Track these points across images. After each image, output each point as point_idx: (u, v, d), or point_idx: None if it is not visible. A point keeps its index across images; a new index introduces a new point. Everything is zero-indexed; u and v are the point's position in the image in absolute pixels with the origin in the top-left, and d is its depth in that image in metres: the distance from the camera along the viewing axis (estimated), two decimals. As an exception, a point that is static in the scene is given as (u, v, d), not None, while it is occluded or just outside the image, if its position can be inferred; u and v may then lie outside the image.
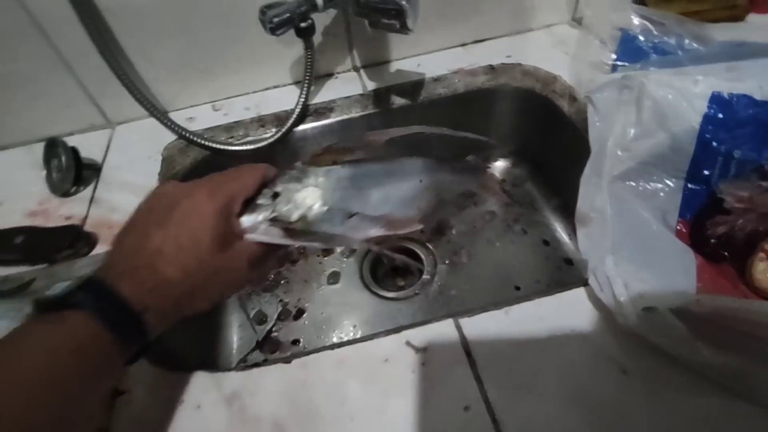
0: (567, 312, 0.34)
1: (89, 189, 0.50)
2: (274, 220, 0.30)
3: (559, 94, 0.54)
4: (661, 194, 0.38)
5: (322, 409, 0.31)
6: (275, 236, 0.31)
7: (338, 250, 0.61)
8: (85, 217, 0.47)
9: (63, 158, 0.47)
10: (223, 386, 0.33)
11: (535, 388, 0.30)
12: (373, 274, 0.58)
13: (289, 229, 0.31)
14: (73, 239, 0.42)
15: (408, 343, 0.33)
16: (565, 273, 0.55)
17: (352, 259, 0.59)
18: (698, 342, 0.28)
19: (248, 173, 0.31)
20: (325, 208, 0.32)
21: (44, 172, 0.51)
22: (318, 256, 0.60)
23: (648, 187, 0.39)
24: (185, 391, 0.33)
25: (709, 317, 0.27)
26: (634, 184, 0.39)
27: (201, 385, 0.33)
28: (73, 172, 0.48)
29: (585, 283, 0.35)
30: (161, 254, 0.27)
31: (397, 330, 0.34)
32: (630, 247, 0.34)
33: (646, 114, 0.38)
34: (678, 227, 0.37)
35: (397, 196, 0.35)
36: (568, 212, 0.58)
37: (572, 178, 0.55)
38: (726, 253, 0.34)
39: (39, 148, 0.54)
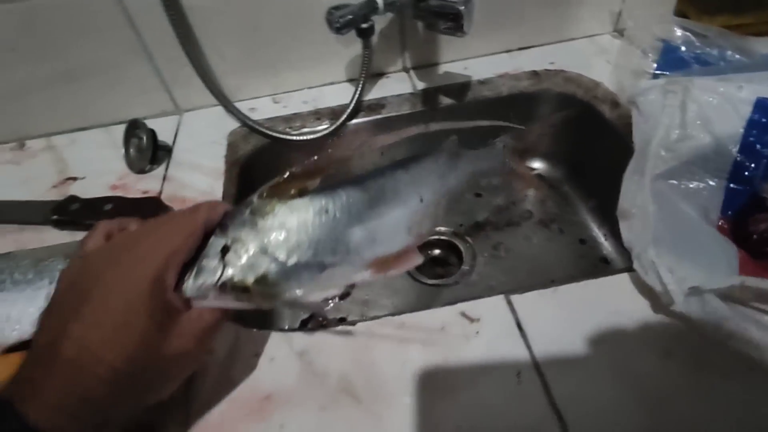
0: (612, 294, 0.36)
1: (162, 168, 0.55)
2: (224, 286, 0.25)
3: (600, 99, 0.57)
4: (703, 193, 0.40)
5: (384, 367, 0.34)
6: (228, 302, 0.26)
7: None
8: (160, 192, 0.51)
9: (144, 138, 0.52)
10: (293, 344, 0.36)
11: (583, 362, 0.33)
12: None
13: (245, 291, 0.25)
14: (156, 208, 0.46)
15: (463, 314, 0.36)
16: (601, 271, 0.57)
17: (394, 248, 0.63)
18: (743, 324, 0.30)
19: (185, 224, 0.26)
20: (290, 262, 0.26)
21: (123, 151, 0.55)
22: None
23: (690, 186, 0.41)
24: (260, 346, 0.36)
25: (754, 299, 0.30)
26: (676, 182, 0.42)
27: (274, 342, 0.36)
28: (151, 151, 0.53)
29: (630, 269, 0.37)
30: (81, 352, 0.22)
31: (452, 302, 0.37)
32: (672, 240, 0.37)
33: (689, 117, 0.41)
34: (720, 223, 0.40)
35: (386, 230, 0.29)
36: (604, 213, 0.61)
37: (609, 180, 0.58)
38: (765, 249, 0.36)
39: (116, 130, 0.60)
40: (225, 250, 0.26)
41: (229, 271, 0.25)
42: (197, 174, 0.53)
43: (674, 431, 0.29)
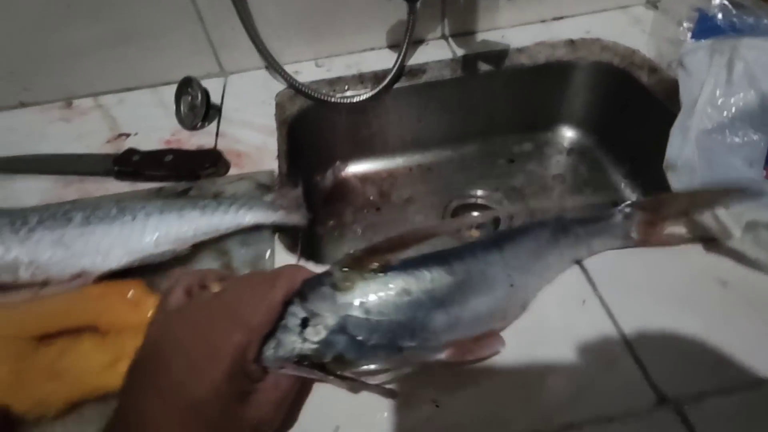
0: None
1: (213, 125, 0.56)
2: (301, 358, 0.25)
3: (638, 66, 0.59)
4: (748, 146, 0.43)
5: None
6: (302, 373, 0.26)
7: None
8: (215, 147, 0.53)
9: (199, 94, 0.54)
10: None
11: (642, 290, 0.35)
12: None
13: (321, 367, 0.26)
14: (215, 160, 0.48)
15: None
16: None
17: (431, 211, 0.65)
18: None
19: (267, 296, 0.26)
20: (369, 343, 0.26)
21: (172, 110, 0.57)
22: (400, 205, 0.66)
23: (735, 140, 0.43)
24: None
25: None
26: (721, 137, 0.44)
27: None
28: (204, 108, 0.54)
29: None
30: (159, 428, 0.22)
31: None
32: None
33: (736, 75, 0.43)
34: (764, 175, 0.42)
35: (470, 316, 0.28)
36: (636, 178, 0.63)
37: (642, 146, 0.60)
38: (809, 195, 0.39)
39: (163, 90, 0.61)
40: (304, 323, 0.26)
41: (307, 346, 0.25)
42: (249, 131, 0.54)
43: (729, 349, 0.31)
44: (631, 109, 0.61)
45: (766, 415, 0.28)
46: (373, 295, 0.27)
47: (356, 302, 0.26)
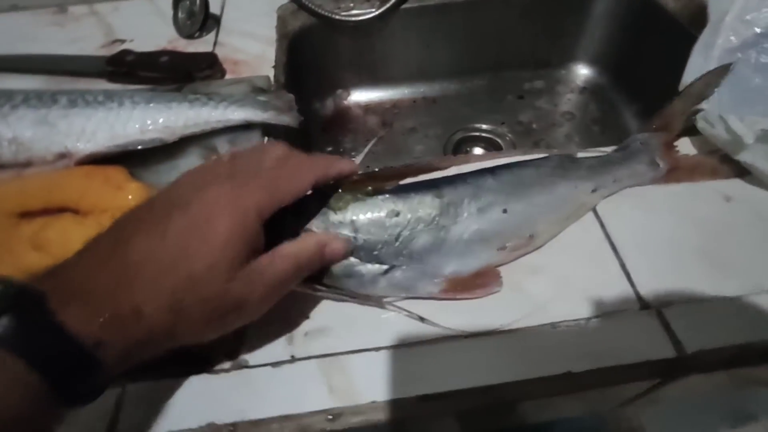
0: (672, 153, 0.36)
1: (211, 35, 0.54)
2: None
3: (664, -9, 0.55)
4: (773, 66, 0.40)
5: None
6: (299, 287, 0.26)
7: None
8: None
9: (197, 1, 0.51)
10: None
11: (645, 205, 0.33)
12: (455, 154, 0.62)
13: (308, 278, 0.26)
14: (212, 62, 0.46)
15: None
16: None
17: (434, 142, 0.63)
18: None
19: (303, 173, 0.25)
20: (353, 259, 0.27)
21: (170, 18, 0.55)
22: (403, 135, 0.64)
23: (762, 59, 0.40)
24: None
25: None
26: (745, 55, 0.41)
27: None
28: (203, 15, 0.52)
29: (690, 134, 0.37)
30: (140, 270, 0.20)
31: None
32: (739, 103, 0.37)
33: (770, -13, 0.39)
34: (786, 96, 0.39)
35: (458, 239, 0.28)
36: (648, 116, 0.59)
37: (657, 82, 0.57)
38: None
39: (159, 1, 0.59)
40: (294, 235, 0.26)
41: None
42: (249, 41, 0.52)
43: (725, 256, 0.30)
44: (652, 39, 0.57)
45: (756, 321, 0.27)
46: (363, 215, 0.27)
47: (347, 221, 0.27)
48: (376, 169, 0.30)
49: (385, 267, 0.27)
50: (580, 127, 0.62)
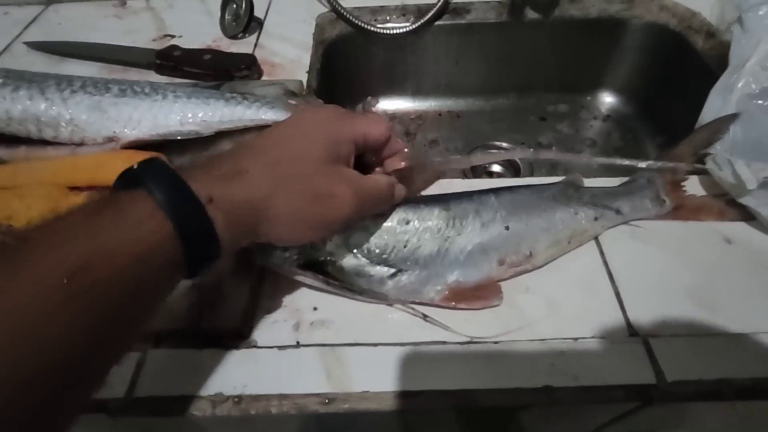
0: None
1: (253, 37, 0.57)
2: (305, 265, 0.29)
3: (695, 30, 0.56)
4: (792, 115, 0.40)
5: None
6: (309, 278, 0.30)
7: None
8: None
9: (243, 4, 0.55)
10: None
11: (646, 239, 0.34)
12: (473, 172, 0.63)
13: (324, 273, 0.29)
14: (250, 63, 0.49)
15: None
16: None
17: (453, 155, 0.65)
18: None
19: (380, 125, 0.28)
20: (364, 260, 0.29)
21: (217, 18, 0.58)
22: (424, 146, 0.66)
23: (779, 107, 0.41)
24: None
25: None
26: (764, 102, 0.41)
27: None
28: (247, 18, 0.55)
29: (698, 173, 0.38)
30: (248, 146, 0.25)
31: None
32: (752, 149, 0.37)
33: (796, 36, 0.40)
34: (801, 144, 0.40)
35: (461, 250, 0.30)
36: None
37: (683, 118, 0.57)
38: None
39: (210, 1, 0.63)
40: None
41: (311, 252, 0.29)
42: (287, 45, 0.55)
43: (715, 297, 0.31)
44: (679, 76, 0.58)
45: (737, 359, 0.28)
46: (377, 221, 0.30)
47: (362, 225, 0.29)
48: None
49: (393, 270, 0.29)
50: (600, 154, 0.63)
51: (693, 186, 0.38)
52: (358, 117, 0.28)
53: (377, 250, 0.30)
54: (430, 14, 0.59)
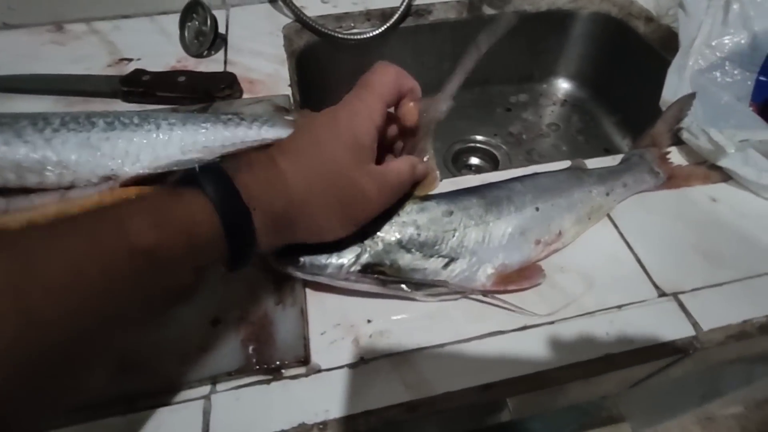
0: (663, 161, 0.42)
1: (220, 53, 0.55)
2: (364, 267, 0.30)
3: (635, 15, 0.62)
4: (737, 84, 0.46)
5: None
6: (366, 281, 0.30)
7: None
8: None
9: (208, 20, 0.52)
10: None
11: (648, 208, 0.38)
12: (455, 166, 0.65)
13: (381, 272, 0.30)
14: (231, 82, 0.47)
15: (537, 174, 0.41)
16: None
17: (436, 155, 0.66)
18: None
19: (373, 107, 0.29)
20: (418, 254, 0.31)
21: (175, 38, 0.55)
22: (402, 147, 0.67)
23: (726, 79, 0.47)
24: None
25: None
26: (712, 76, 0.47)
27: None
28: (213, 34, 0.53)
29: (677, 143, 0.43)
30: (283, 150, 0.26)
31: (525, 165, 0.42)
32: (713, 118, 0.43)
33: (731, 16, 0.46)
34: (750, 109, 0.46)
35: (502, 233, 0.32)
36: (626, 125, 0.66)
37: (633, 96, 0.64)
38: (789, 127, 0.43)
39: (161, 19, 0.59)
40: (363, 237, 0.30)
41: (370, 254, 0.30)
42: (259, 60, 0.54)
43: (715, 249, 0.35)
44: (626, 59, 0.64)
45: (749, 300, 0.32)
46: (423, 216, 0.32)
47: (410, 221, 0.31)
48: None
49: (446, 260, 0.31)
50: (566, 137, 0.68)
51: (674, 156, 0.43)
52: (370, 96, 0.29)
53: (429, 243, 0.31)
54: (394, 18, 0.60)
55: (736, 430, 1.08)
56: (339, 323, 0.31)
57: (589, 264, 0.34)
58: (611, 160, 0.41)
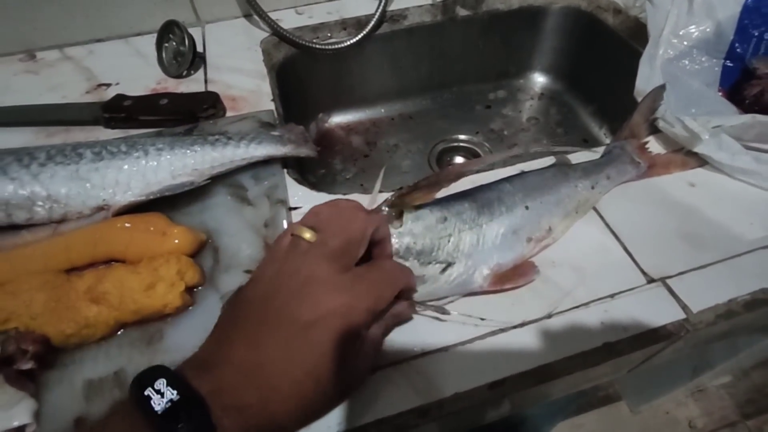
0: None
1: (200, 73, 0.55)
2: None
3: (603, 8, 0.64)
4: (705, 71, 0.48)
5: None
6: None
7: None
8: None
9: (186, 39, 0.52)
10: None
11: (631, 198, 0.39)
12: (439, 166, 0.66)
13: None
14: (214, 101, 0.47)
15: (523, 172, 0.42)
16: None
17: (418, 156, 0.67)
18: (748, 159, 0.38)
19: (362, 222, 0.28)
20: (418, 263, 0.31)
21: (151, 59, 0.55)
22: (387, 152, 0.68)
23: (695, 66, 0.49)
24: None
25: (756, 139, 0.38)
26: (682, 64, 0.49)
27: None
28: (192, 54, 0.53)
29: (653, 132, 0.44)
30: (276, 390, 0.23)
31: (513, 163, 0.43)
32: (685, 106, 0.44)
33: (696, 5, 0.48)
34: (719, 94, 0.48)
35: (495, 234, 0.33)
36: (603, 115, 0.68)
37: (608, 85, 0.65)
38: (756, 108, 0.45)
39: (136, 41, 0.59)
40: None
41: None
42: (239, 76, 0.54)
43: (696, 232, 0.37)
44: (597, 50, 0.66)
45: (732, 279, 0.34)
46: (418, 225, 0.32)
47: (406, 231, 0.31)
48: (419, 181, 0.32)
49: (443, 265, 0.31)
50: (546, 129, 0.69)
51: (652, 145, 0.44)
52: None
53: (426, 250, 0.31)
54: (370, 25, 0.61)
55: (726, 399, 1.12)
56: (344, 335, 0.31)
57: (580, 256, 0.35)
58: (591, 154, 0.43)
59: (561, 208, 0.36)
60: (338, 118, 0.71)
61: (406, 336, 0.31)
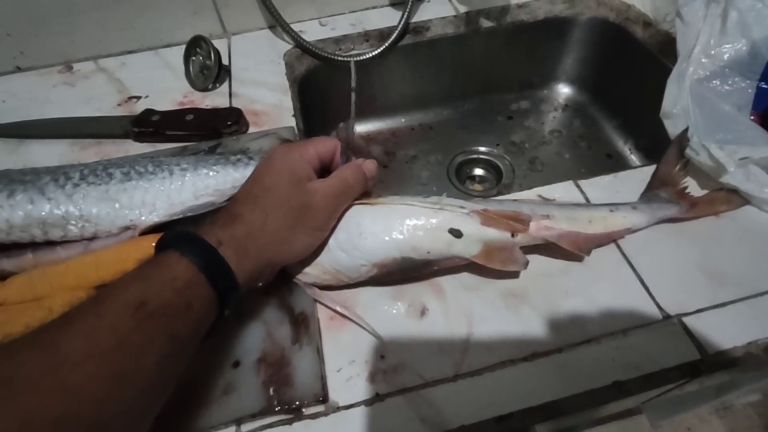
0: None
1: (225, 86, 0.56)
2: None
3: (632, 21, 0.62)
4: (737, 93, 0.46)
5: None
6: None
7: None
8: (230, 106, 0.53)
9: (212, 54, 0.54)
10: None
11: (653, 229, 0.39)
12: (458, 179, 0.66)
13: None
14: (237, 117, 0.49)
15: (540, 196, 0.42)
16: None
17: (437, 168, 0.67)
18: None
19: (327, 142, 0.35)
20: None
21: (180, 72, 0.57)
22: (406, 162, 0.68)
23: (726, 87, 0.47)
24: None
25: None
26: (713, 85, 0.47)
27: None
28: (217, 68, 0.54)
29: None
30: (236, 200, 0.32)
31: (529, 187, 0.43)
32: (713, 131, 0.43)
33: (730, 24, 0.46)
34: (751, 118, 0.46)
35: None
36: (628, 130, 0.67)
37: (634, 99, 0.64)
38: (791, 135, 0.43)
39: (166, 53, 0.61)
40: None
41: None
42: (262, 90, 0.55)
43: (719, 267, 0.36)
44: (625, 63, 0.64)
45: (755, 321, 0.33)
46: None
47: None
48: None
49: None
50: (568, 143, 0.68)
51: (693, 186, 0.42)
52: (308, 142, 0.34)
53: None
54: (392, 37, 0.61)
55: (754, 419, 1.08)
56: (354, 360, 0.32)
57: (594, 288, 0.35)
58: (612, 178, 0.42)
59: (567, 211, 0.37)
60: (358, 128, 0.72)
61: (415, 363, 0.32)
